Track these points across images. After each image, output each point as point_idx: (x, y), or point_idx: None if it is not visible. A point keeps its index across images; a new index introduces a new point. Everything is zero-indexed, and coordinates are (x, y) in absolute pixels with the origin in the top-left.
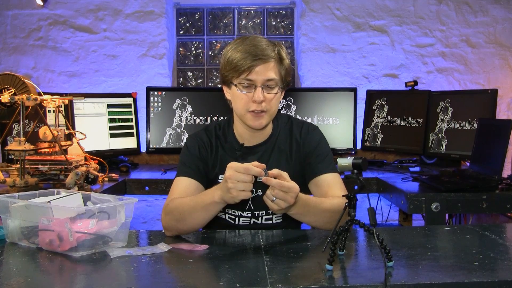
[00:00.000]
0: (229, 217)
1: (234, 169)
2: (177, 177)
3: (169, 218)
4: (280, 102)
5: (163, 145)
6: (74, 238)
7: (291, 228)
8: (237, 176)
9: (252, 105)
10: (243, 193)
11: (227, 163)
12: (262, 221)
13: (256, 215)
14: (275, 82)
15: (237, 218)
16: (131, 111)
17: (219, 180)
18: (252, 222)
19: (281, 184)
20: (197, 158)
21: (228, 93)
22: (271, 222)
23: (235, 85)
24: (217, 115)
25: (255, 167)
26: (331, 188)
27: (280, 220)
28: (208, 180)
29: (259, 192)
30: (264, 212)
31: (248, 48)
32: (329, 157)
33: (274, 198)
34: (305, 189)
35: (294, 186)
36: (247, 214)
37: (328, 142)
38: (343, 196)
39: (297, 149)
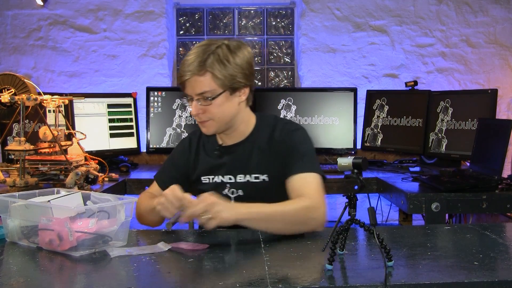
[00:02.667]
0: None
1: (171, 191)
2: (154, 177)
3: (136, 207)
4: (280, 103)
5: (163, 145)
6: (74, 238)
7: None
8: (168, 199)
9: (195, 117)
10: (166, 214)
11: (207, 164)
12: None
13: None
14: (210, 92)
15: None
16: (131, 111)
17: (203, 182)
18: (197, 231)
19: (193, 213)
20: (174, 167)
21: None
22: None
23: None
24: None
25: (186, 199)
26: (302, 188)
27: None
28: (191, 182)
29: (240, 193)
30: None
31: (182, 62)
32: (309, 157)
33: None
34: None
35: (206, 201)
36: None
37: (313, 143)
38: (347, 195)
39: (277, 149)
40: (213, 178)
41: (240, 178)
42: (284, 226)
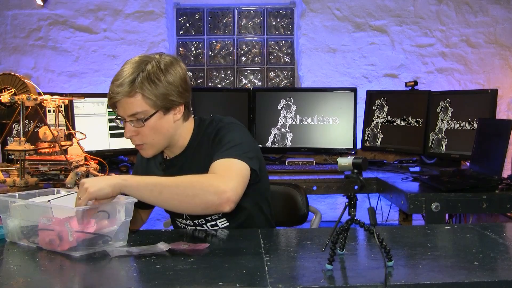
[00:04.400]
0: (182, 225)
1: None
2: None
3: None
4: (280, 103)
5: None
6: (74, 238)
7: (242, 227)
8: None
9: (129, 140)
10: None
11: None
12: (208, 228)
13: (198, 223)
14: (142, 114)
15: (186, 227)
16: None
17: None
18: (198, 230)
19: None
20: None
21: None
22: (217, 227)
23: None
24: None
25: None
26: (215, 170)
27: (226, 223)
28: None
29: None
30: (203, 219)
31: (112, 81)
32: (230, 145)
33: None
34: None
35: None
36: (189, 222)
37: (245, 135)
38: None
39: (208, 146)
40: None
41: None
42: (173, 197)
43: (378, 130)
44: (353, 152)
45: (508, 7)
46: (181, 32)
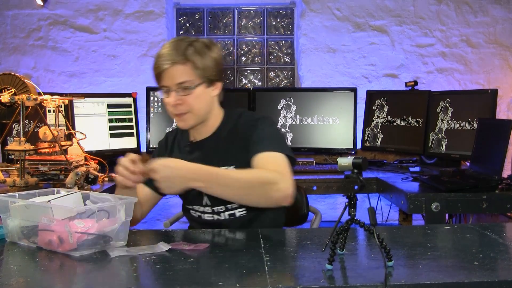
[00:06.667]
0: (197, 213)
1: (129, 157)
2: None
3: None
4: (280, 103)
5: None
6: (74, 240)
7: (260, 219)
8: (120, 162)
9: (172, 109)
10: (119, 178)
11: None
12: (225, 217)
13: (216, 211)
14: (189, 83)
15: (202, 214)
16: (131, 111)
17: None
18: (215, 218)
19: (142, 170)
20: None
21: None
22: (234, 217)
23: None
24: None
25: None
26: (265, 165)
27: (244, 213)
28: None
29: None
30: (223, 207)
31: (158, 54)
32: (272, 139)
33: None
34: None
35: (156, 163)
36: (207, 209)
37: (278, 129)
38: (346, 195)
39: (241, 140)
40: None
41: None
42: (239, 192)
43: (378, 130)
44: (353, 152)
45: (508, 7)
46: (181, 32)
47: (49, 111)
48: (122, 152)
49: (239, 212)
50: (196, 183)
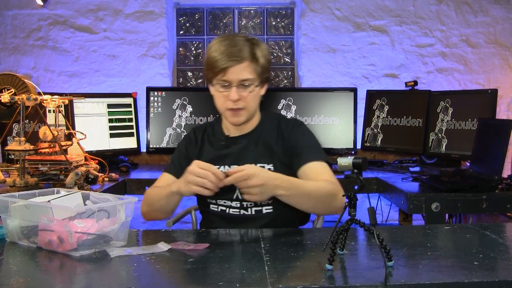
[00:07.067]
0: (220, 208)
1: (196, 164)
2: (163, 172)
3: (143, 203)
4: (280, 103)
5: (163, 145)
6: (74, 240)
7: (282, 218)
8: (197, 171)
9: (229, 103)
10: (197, 188)
11: (212, 155)
12: (252, 212)
13: (245, 205)
14: (250, 81)
15: (227, 209)
16: (131, 111)
17: None
18: (241, 213)
19: (236, 177)
20: (183, 157)
21: (211, 89)
22: (260, 213)
23: (214, 85)
24: (217, 115)
25: (215, 169)
26: (318, 175)
27: (271, 210)
28: None
29: None
30: (253, 203)
31: (224, 49)
32: (317, 148)
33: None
34: None
35: (249, 169)
36: (236, 204)
37: (317, 136)
38: (343, 195)
39: (283, 143)
40: (218, 168)
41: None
42: (315, 202)
43: (378, 130)
44: (353, 152)
45: (508, 7)
46: (181, 32)
47: (49, 111)
48: (122, 152)
49: (266, 208)
50: (280, 190)
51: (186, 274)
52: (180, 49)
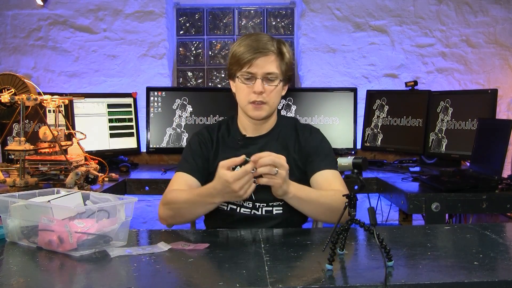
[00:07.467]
0: (230, 207)
1: (234, 178)
2: (177, 172)
3: (166, 208)
4: (281, 98)
5: (163, 145)
6: (74, 240)
7: (290, 220)
8: (241, 183)
9: (252, 96)
10: (250, 190)
11: (229, 154)
12: (262, 212)
13: (257, 206)
14: (275, 75)
15: (238, 208)
16: (131, 111)
17: None
18: (252, 213)
19: (274, 160)
20: (197, 155)
21: (233, 86)
22: (271, 213)
23: (238, 77)
24: (217, 115)
25: (246, 167)
26: (330, 183)
27: (280, 211)
28: (209, 173)
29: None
30: (264, 204)
31: (251, 42)
32: (331, 156)
33: (276, 170)
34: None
35: (283, 159)
36: (248, 204)
37: (329, 142)
38: (343, 195)
39: (299, 147)
40: (234, 168)
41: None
42: (324, 210)
43: (378, 130)
44: (353, 152)
45: (508, 7)
46: (181, 32)
47: (49, 111)
48: (122, 152)
49: (276, 209)
50: (291, 188)
51: (186, 274)
52: (180, 49)
